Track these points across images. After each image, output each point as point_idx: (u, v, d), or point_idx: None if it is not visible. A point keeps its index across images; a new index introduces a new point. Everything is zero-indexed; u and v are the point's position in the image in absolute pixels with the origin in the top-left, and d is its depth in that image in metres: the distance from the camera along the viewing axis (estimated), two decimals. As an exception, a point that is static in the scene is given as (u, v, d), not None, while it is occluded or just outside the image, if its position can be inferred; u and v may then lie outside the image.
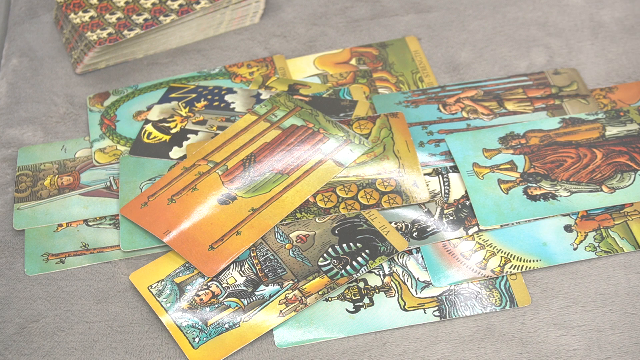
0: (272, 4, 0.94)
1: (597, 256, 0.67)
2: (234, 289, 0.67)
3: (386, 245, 0.68)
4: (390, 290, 0.66)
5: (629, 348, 0.62)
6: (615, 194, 0.70)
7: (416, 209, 0.71)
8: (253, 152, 0.75)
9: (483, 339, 0.63)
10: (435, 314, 0.65)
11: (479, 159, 0.74)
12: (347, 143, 0.75)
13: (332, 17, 0.92)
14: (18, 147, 0.81)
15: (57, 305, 0.68)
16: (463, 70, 0.84)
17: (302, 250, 0.68)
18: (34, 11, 0.97)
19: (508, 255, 0.67)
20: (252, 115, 0.78)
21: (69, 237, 0.72)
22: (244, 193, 0.72)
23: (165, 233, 0.69)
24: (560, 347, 0.62)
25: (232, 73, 0.86)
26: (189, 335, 0.64)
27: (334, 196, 0.72)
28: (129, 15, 0.88)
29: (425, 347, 0.63)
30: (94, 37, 0.85)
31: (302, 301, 0.65)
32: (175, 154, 0.77)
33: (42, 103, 0.85)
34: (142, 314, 0.67)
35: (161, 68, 0.88)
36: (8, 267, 0.71)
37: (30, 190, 0.76)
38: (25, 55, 0.91)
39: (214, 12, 0.89)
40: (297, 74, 0.85)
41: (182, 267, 0.68)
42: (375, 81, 0.83)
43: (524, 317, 0.64)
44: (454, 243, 0.68)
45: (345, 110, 0.79)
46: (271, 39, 0.90)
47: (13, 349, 0.65)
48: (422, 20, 0.90)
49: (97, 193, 0.75)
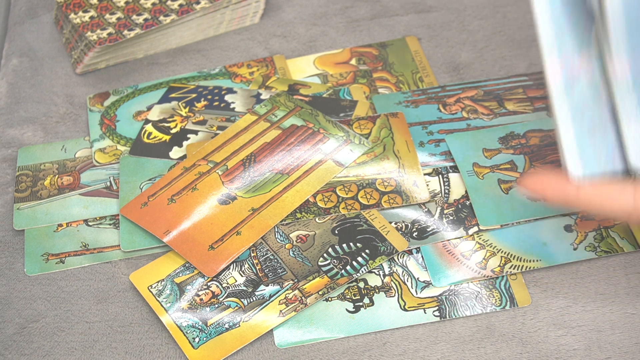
0: (272, 4, 0.94)
1: (597, 256, 0.67)
2: (234, 289, 0.67)
3: (386, 245, 0.68)
4: (390, 290, 0.66)
5: (629, 348, 0.62)
6: (615, 194, 0.70)
7: (416, 209, 0.71)
8: (253, 152, 0.75)
9: (483, 339, 0.63)
10: (435, 314, 0.65)
11: (479, 159, 0.74)
12: (347, 143, 0.75)
13: (332, 17, 0.92)
14: (18, 147, 0.81)
15: (57, 305, 0.68)
16: (463, 70, 0.84)
17: (302, 250, 0.68)
18: (34, 11, 0.97)
19: (508, 255, 0.67)
20: (252, 115, 0.78)
21: (69, 237, 0.72)
22: (244, 193, 0.72)
23: (165, 233, 0.69)
24: (560, 347, 0.62)
25: (232, 73, 0.86)
26: (189, 335, 0.64)
27: (334, 196, 0.72)
28: (129, 15, 0.88)
29: (425, 347, 0.63)
30: (94, 37, 0.85)
31: (302, 301, 0.65)
32: (175, 154, 0.77)
33: (42, 103, 0.85)
34: (142, 314, 0.67)
35: (161, 68, 0.88)
36: (8, 267, 0.71)
37: (30, 190, 0.76)
38: (25, 55, 0.91)
39: (214, 12, 0.89)
40: (297, 74, 0.85)
41: (182, 267, 0.68)
42: (375, 81, 0.83)
43: (524, 317, 0.64)
44: (454, 243, 0.68)
45: (345, 110, 0.79)
46: (271, 39, 0.90)
47: (13, 349, 0.65)
48: (422, 20, 0.90)
49: (97, 193, 0.75)
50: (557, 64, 0.49)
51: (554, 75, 0.49)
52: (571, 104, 0.48)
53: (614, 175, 0.48)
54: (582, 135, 0.49)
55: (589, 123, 0.48)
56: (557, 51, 0.48)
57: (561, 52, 0.48)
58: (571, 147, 0.49)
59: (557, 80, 0.49)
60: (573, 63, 0.48)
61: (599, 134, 0.48)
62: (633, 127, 0.47)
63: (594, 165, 0.48)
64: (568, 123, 0.49)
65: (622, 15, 0.46)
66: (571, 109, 0.48)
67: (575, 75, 0.49)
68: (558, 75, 0.49)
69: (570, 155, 0.49)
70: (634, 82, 0.47)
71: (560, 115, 0.49)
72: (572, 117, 0.49)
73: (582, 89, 0.48)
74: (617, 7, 0.46)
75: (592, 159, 0.48)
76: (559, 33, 0.48)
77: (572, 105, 0.48)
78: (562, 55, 0.48)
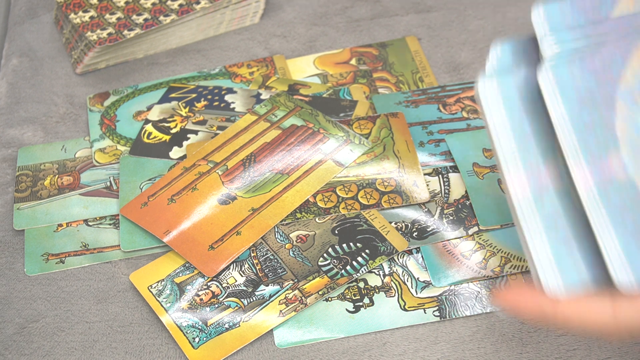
0: (272, 4, 0.94)
1: (597, 256, 0.67)
2: (234, 289, 0.67)
3: (386, 245, 0.68)
4: (390, 290, 0.66)
5: (629, 348, 0.62)
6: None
7: (416, 209, 0.71)
8: (253, 152, 0.75)
9: (483, 339, 0.63)
10: (435, 314, 0.65)
11: (479, 159, 0.74)
12: (347, 143, 0.75)
13: (332, 17, 0.92)
14: (18, 147, 0.81)
15: (57, 305, 0.68)
16: (463, 70, 0.84)
17: (302, 250, 0.68)
18: (34, 11, 0.97)
19: (508, 255, 0.67)
20: (252, 115, 0.78)
21: (69, 237, 0.72)
22: (244, 193, 0.72)
23: (165, 233, 0.69)
24: (560, 347, 0.62)
25: (232, 73, 0.86)
26: (189, 335, 0.64)
27: (334, 196, 0.72)
28: (129, 15, 0.88)
29: (425, 347, 0.63)
30: (94, 37, 0.85)
31: (302, 301, 0.65)
32: (175, 154, 0.77)
33: (42, 103, 0.85)
34: (142, 314, 0.67)
35: (161, 68, 0.88)
36: (8, 267, 0.71)
37: (30, 190, 0.76)
38: (25, 55, 0.91)
39: (214, 12, 0.89)
40: (297, 74, 0.85)
41: (182, 267, 0.68)
42: (375, 81, 0.83)
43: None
44: (454, 243, 0.68)
45: (345, 110, 0.79)
46: (271, 39, 0.90)
47: (13, 349, 0.65)
48: (422, 20, 0.90)
49: (97, 193, 0.75)
50: (523, 177, 0.45)
51: (521, 188, 0.46)
52: (542, 215, 0.45)
53: (594, 284, 0.45)
54: (557, 246, 0.45)
55: (563, 232, 0.45)
56: (521, 163, 0.46)
57: (526, 163, 0.46)
58: (546, 259, 0.45)
59: (525, 193, 0.45)
60: (540, 173, 0.46)
61: (574, 243, 0.45)
62: (609, 241, 0.43)
63: (573, 275, 0.45)
64: (541, 234, 0.45)
65: (568, 120, 0.44)
66: (543, 219, 0.45)
67: (544, 185, 0.45)
68: (526, 188, 0.45)
69: (546, 267, 0.45)
70: (598, 193, 0.43)
71: (531, 228, 0.45)
72: (545, 228, 0.45)
73: (552, 198, 0.45)
74: (562, 113, 0.44)
75: (570, 269, 0.45)
76: (521, 144, 0.46)
77: (544, 216, 0.45)
78: (528, 166, 0.46)
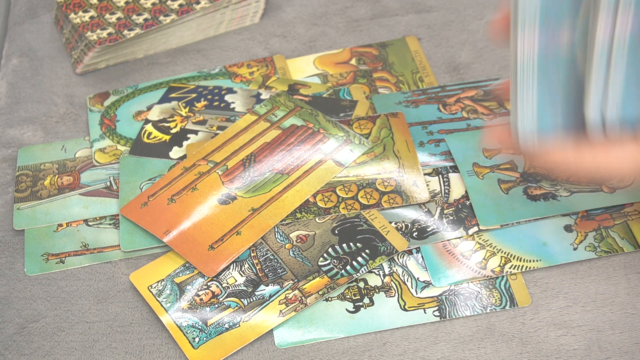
0: (272, 4, 0.94)
1: (597, 256, 0.67)
2: (234, 289, 0.67)
3: (386, 245, 0.68)
4: (390, 290, 0.66)
5: (629, 348, 0.62)
6: (615, 194, 0.70)
7: (416, 209, 0.71)
8: (253, 152, 0.75)
9: (483, 339, 0.63)
10: (435, 314, 0.65)
11: (479, 159, 0.74)
12: (347, 143, 0.75)
13: (332, 17, 0.92)
14: (18, 147, 0.81)
15: (57, 305, 0.68)
16: (463, 70, 0.84)
17: (302, 250, 0.68)
18: (34, 11, 0.97)
19: (508, 255, 0.67)
20: (252, 115, 0.78)
21: (69, 237, 0.72)
22: (244, 193, 0.72)
23: (165, 233, 0.69)
24: (560, 347, 0.62)
25: (232, 73, 0.86)
26: (189, 335, 0.64)
27: (334, 196, 0.72)
28: (129, 15, 0.88)
29: (425, 347, 0.63)
30: (94, 37, 0.85)
31: (302, 301, 0.65)
32: (175, 154, 0.77)
33: (42, 103, 0.85)
34: (142, 314, 0.67)
35: (161, 68, 0.88)
36: (8, 267, 0.71)
37: (30, 190, 0.76)
38: (25, 55, 0.91)
39: (214, 12, 0.89)
40: (297, 74, 0.85)
41: (182, 267, 0.68)
42: (375, 81, 0.83)
43: (524, 317, 0.64)
44: (454, 243, 0.68)
45: (345, 110, 0.79)
46: (271, 39, 0.90)
47: (13, 349, 0.65)
48: (422, 20, 0.90)
49: (97, 193, 0.75)
50: (535, 39, 0.47)
51: (529, 50, 0.47)
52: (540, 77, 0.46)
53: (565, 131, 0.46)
54: (543, 99, 0.47)
55: (555, 94, 0.47)
56: (539, 23, 0.46)
57: (544, 24, 0.46)
58: (529, 106, 0.47)
59: (532, 55, 0.47)
60: (553, 36, 0.47)
61: (559, 99, 0.46)
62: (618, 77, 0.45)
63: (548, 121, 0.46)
64: (533, 88, 0.47)
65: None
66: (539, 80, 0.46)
67: (552, 51, 0.47)
68: (534, 50, 0.46)
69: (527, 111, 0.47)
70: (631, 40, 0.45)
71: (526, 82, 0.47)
72: (538, 86, 0.47)
73: (557, 64, 0.47)
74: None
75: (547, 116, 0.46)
76: (546, 2, 0.46)
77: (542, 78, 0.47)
78: (544, 28, 0.46)
